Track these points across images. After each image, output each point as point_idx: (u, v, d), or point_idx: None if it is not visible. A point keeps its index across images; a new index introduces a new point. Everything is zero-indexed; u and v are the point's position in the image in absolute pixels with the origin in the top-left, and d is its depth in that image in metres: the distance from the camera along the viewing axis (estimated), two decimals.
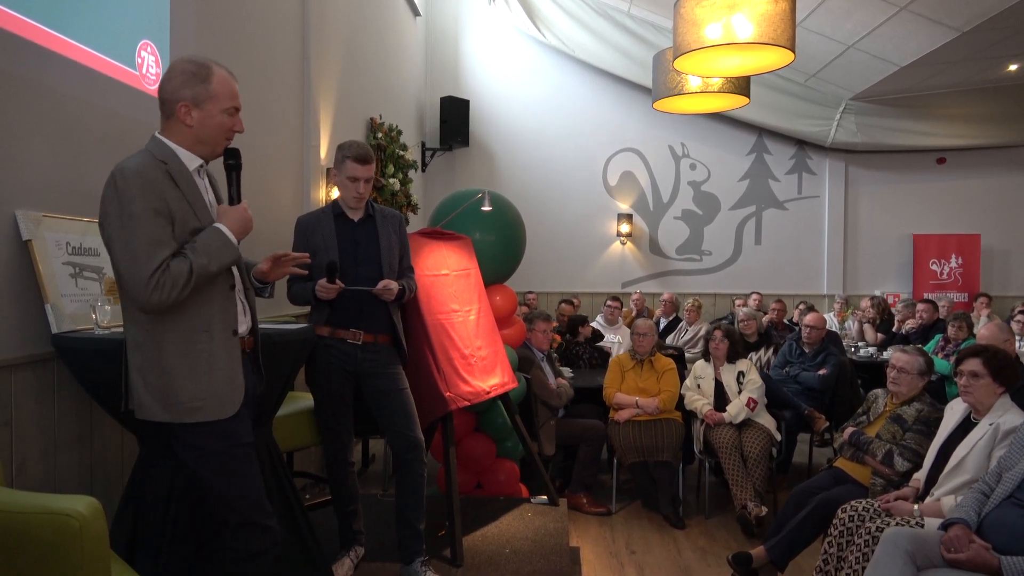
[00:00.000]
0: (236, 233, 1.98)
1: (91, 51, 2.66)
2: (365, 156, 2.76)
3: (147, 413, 1.92)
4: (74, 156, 2.58)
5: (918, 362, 3.37)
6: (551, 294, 8.77)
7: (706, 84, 4.97)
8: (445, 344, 3.32)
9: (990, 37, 6.77)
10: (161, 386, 1.90)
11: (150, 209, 1.83)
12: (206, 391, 1.92)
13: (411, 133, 8.13)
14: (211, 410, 1.93)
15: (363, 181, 2.78)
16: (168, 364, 1.89)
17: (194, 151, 1.99)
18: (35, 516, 0.97)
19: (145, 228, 1.82)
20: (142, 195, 1.82)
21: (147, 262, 1.80)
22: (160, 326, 1.90)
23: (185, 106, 1.95)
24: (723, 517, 4.44)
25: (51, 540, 0.94)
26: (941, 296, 8.39)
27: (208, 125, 1.97)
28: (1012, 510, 2.43)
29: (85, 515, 0.99)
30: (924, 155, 9.20)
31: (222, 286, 2.01)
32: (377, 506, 3.75)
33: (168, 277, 1.81)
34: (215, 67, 1.99)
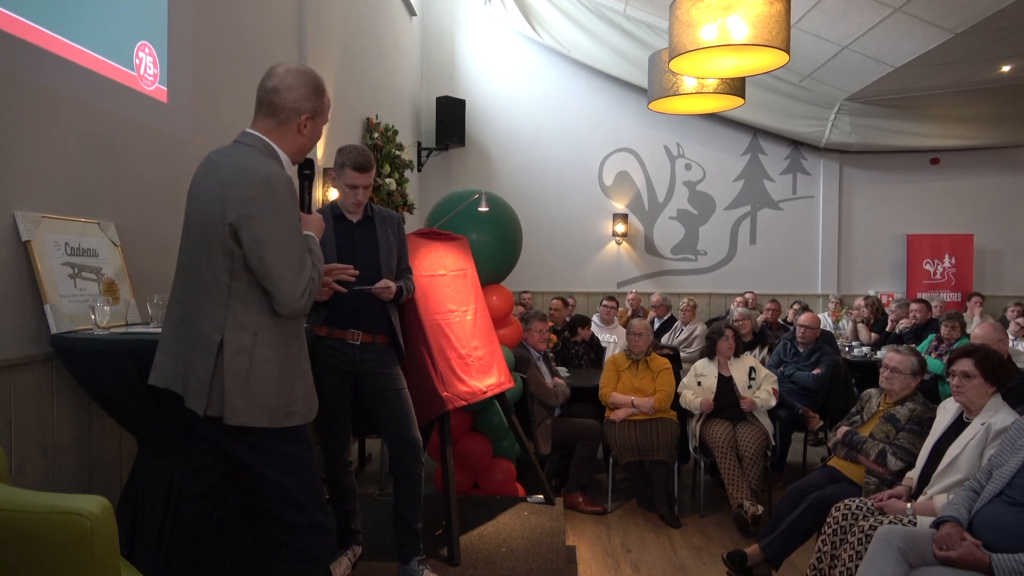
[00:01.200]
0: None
1: (90, 52, 2.67)
2: (364, 164, 2.76)
3: (241, 419, 1.87)
4: (73, 157, 2.59)
5: (911, 362, 3.40)
6: (547, 294, 8.78)
7: (701, 85, 4.99)
8: (442, 344, 3.33)
9: (983, 38, 6.81)
10: (264, 392, 1.89)
11: (297, 219, 1.91)
12: (300, 396, 1.96)
13: (407, 133, 8.14)
14: (303, 414, 1.98)
15: (362, 188, 2.79)
16: (272, 371, 1.90)
17: (293, 160, 2.05)
18: (46, 516, 0.97)
19: (298, 237, 1.90)
20: (294, 205, 1.89)
21: (302, 271, 1.87)
22: (267, 333, 1.90)
23: (307, 117, 2.00)
24: (718, 516, 4.47)
25: (63, 540, 0.95)
26: (934, 296, 8.43)
27: (313, 138, 2.05)
28: (1002, 507, 2.46)
29: (96, 514, 1.00)
30: (918, 155, 9.25)
31: None
32: (374, 506, 3.76)
33: (312, 284, 1.90)
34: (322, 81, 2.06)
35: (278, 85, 1.99)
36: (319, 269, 1.97)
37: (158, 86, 3.10)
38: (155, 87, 3.08)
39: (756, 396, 4.48)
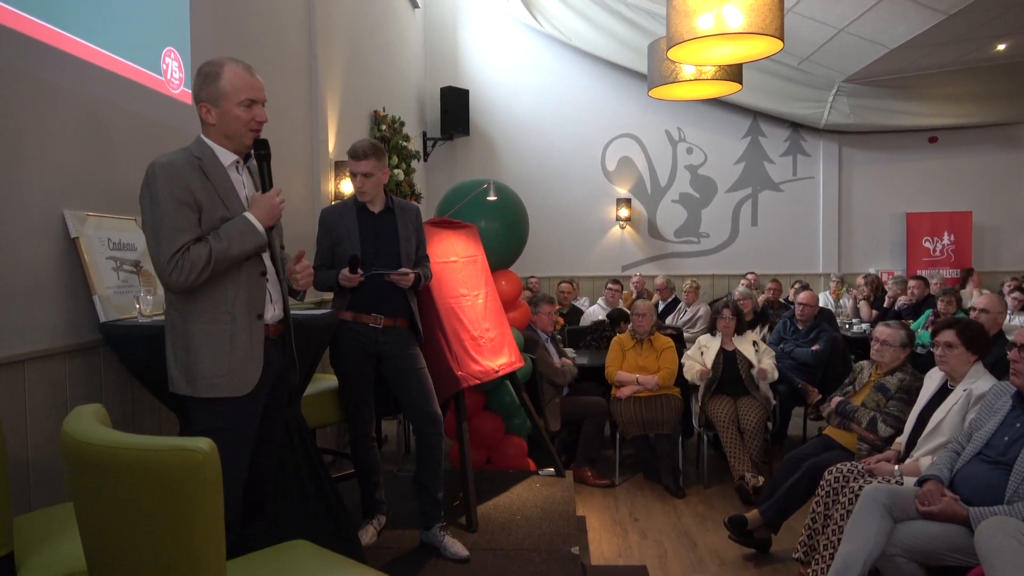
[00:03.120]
0: (262, 220, 2.10)
1: (121, 60, 2.86)
2: (355, 152, 2.97)
3: (175, 387, 2.09)
4: (108, 158, 2.79)
5: (900, 335, 3.59)
6: (552, 278, 8.98)
7: (700, 71, 5.13)
8: (456, 327, 3.53)
9: (976, 18, 6.92)
10: (187, 362, 2.05)
11: (173, 199, 1.97)
12: (225, 368, 2.05)
13: (413, 124, 8.32)
14: (228, 387, 2.06)
15: (360, 176, 2.98)
16: (193, 342, 2.04)
17: (226, 147, 2.14)
18: (169, 452, 1.21)
19: (169, 215, 1.97)
20: (167, 186, 1.97)
21: (169, 246, 1.96)
22: (190, 306, 2.05)
23: (204, 106, 2.11)
24: (721, 486, 4.68)
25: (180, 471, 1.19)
26: (934, 273, 8.59)
27: (227, 121, 2.10)
28: (980, 466, 2.66)
29: (206, 450, 1.23)
30: (916, 135, 9.38)
31: (251, 272, 2.13)
32: (393, 481, 3.98)
33: (187, 260, 1.95)
34: (228, 64, 2.11)
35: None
36: (220, 247, 2.00)
37: (183, 89, 3.29)
38: (180, 90, 3.27)
39: (761, 366, 4.67)
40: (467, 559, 2.97)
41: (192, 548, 1.29)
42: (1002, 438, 2.65)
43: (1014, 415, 2.67)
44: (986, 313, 4.20)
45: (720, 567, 3.57)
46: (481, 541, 3.17)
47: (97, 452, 1.31)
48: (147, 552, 1.31)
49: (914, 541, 2.57)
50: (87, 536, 1.44)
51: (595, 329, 6.18)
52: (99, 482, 1.34)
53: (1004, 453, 2.61)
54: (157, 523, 1.29)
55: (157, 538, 1.29)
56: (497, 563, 2.96)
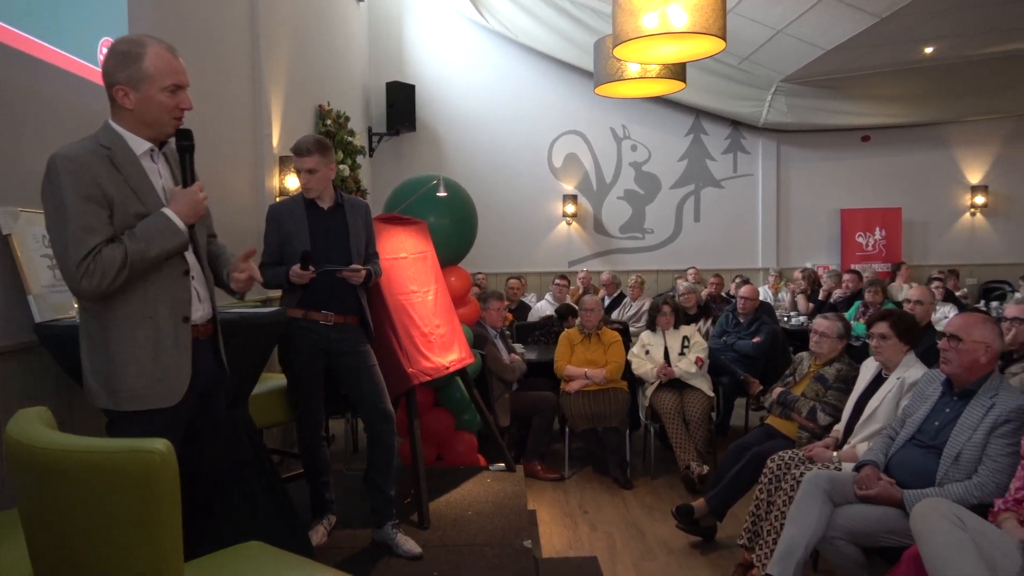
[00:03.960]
0: (184, 217, 1.93)
1: (56, 50, 2.75)
2: (299, 148, 2.93)
3: (95, 399, 1.91)
4: (46, 151, 2.67)
5: (837, 327, 3.73)
6: (500, 274, 8.99)
7: (644, 70, 5.21)
8: (406, 323, 3.52)
9: (906, 22, 7.21)
10: (107, 373, 1.88)
11: (80, 195, 1.79)
12: (149, 378, 1.89)
13: (358, 119, 8.21)
14: (154, 398, 1.90)
15: (304, 172, 2.95)
16: (113, 350, 1.87)
17: (141, 135, 1.94)
18: (123, 454, 1.17)
19: (75, 215, 1.78)
20: (72, 182, 1.79)
21: (77, 249, 1.77)
22: (107, 312, 1.87)
23: (122, 89, 1.89)
24: (668, 477, 4.78)
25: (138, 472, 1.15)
26: (867, 267, 8.93)
27: (149, 106, 1.91)
28: (913, 450, 2.78)
29: (163, 451, 1.20)
30: (850, 133, 9.71)
31: (172, 272, 1.96)
32: (343, 480, 3.94)
33: (99, 263, 1.78)
34: (151, 44, 1.91)
35: (102, 63, 1.93)
36: (136, 248, 1.84)
37: None
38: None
39: (676, 366, 4.77)
40: (420, 556, 2.97)
41: (151, 551, 1.26)
42: (933, 423, 2.78)
43: (944, 401, 2.80)
44: (921, 304, 4.41)
45: (668, 555, 3.65)
46: (433, 538, 3.17)
47: (48, 456, 1.27)
48: (103, 557, 1.28)
49: (853, 524, 2.68)
50: (35, 543, 1.39)
51: (543, 324, 6.24)
52: (50, 487, 1.30)
53: (935, 437, 2.74)
54: (114, 527, 1.26)
55: (114, 542, 1.26)
56: (450, 559, 2.97)
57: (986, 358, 2.70)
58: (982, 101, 9.36)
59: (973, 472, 2.59)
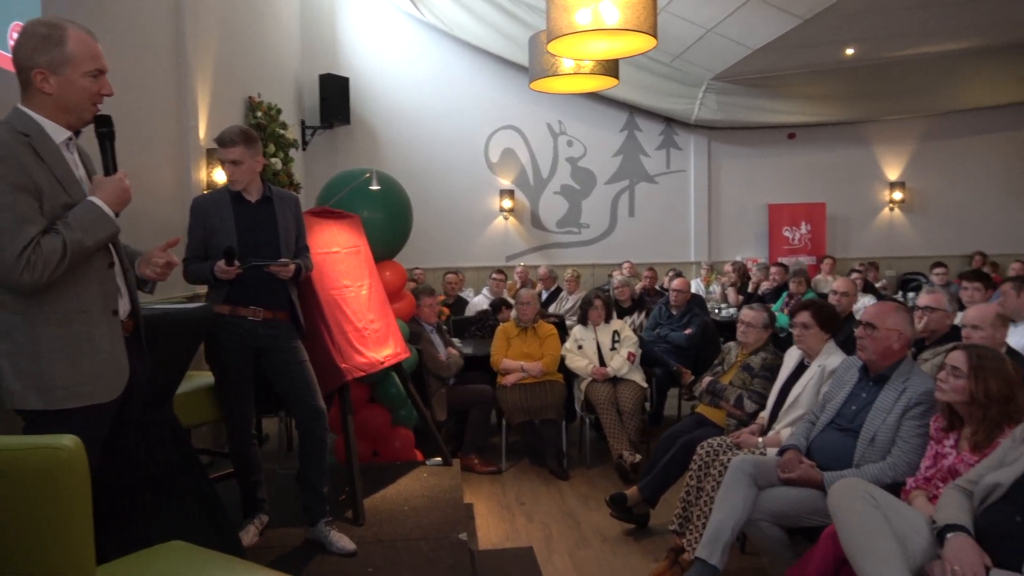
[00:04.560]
0: (112, 205, 1.87)
1: None
2: (222, 139, 2.85)
3: (20, 402, 1.81)
4: None
5: (762, 317, 3.86)
6: (438, 269, 8.95)
7: (578, 66, 5.27)
8: (339, 318, 3.47)
9: (829, 24, 7.48)
10: (36, 372, 1.79)
11: (11, 185, 1.71)
12: (87, 373, 1.83)
13: (290, 111, 8.04)
14: (92, 394, 1.84)
15: (229, 164, 2.87)
16: (43, 348, 1.79)
17: (59, 121, 1.87)
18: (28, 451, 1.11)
19: (9, 204, 1.71)
20: (3, 170, 1.71)
21: (14, 240, 1.70)
22: (34, 308, 1.79)
23: (41, 73, 1.81)
24: (603, 467, 4.85)
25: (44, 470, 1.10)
26: (793, 260, 9.25)
27: (70, 92, 1.84)
28: (832, 434, 2.91)
29: (71, 447, 1.14)
30: (776, 131, 10.02)
31: (100, 264, 1.91)
32: (276, 480, 3.87)
33: (40, 255, 1.71)
34: (71, 27, 1.84)
35: (14, 45, 1.85)
36: (74, 237, 1.77)
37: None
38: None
39: (610, 365, 4.84)
40: (354, 552, 2.94)
41: (60, 552, 1.21)
42: (850, 407, 2.91)
43: (860, 386, 2.93)
44: (847, 296, 4.63)
45: (602, 543, 3.72)
46: (368, 534, 3.15)
47: None
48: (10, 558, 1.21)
49: (776, 506, 2.77)
50: None
51: (480, 319, 6.24)
52: None
53: (852, 421, 2.87)
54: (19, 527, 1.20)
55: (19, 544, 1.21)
56: (385, 554, 2.95)
57: (899, 344, 2.84)
58: (899, 101, 9.80)
59: (888, 453, 2.72)
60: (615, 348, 4.95)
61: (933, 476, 2.47)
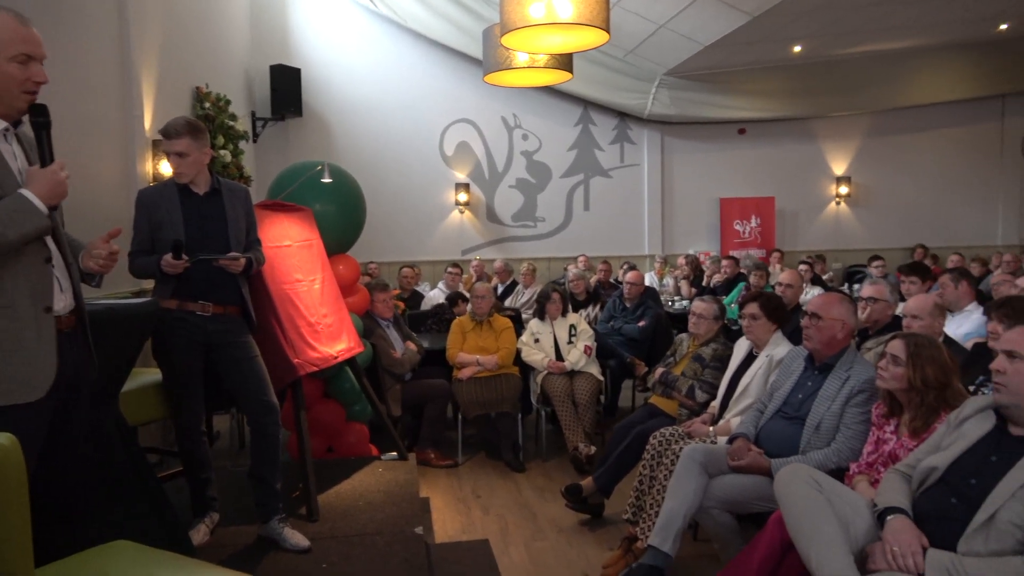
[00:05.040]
0: (44, 198, 1.81)
1: None
2: (167, 131, 2.78)
3: None
4: None
5: (713, 308, 3.93)
6: (393, 263, 8.89)
7: (533, 59, 5.27)
8: (291, 313, 3.42)
9: (777, 21, 7.65)
10: None
11: None
12: (10, 371, 1.78)
13: (240, 103, 7.88)
14: (17, 392, 1.79)
15: (174, 156, 2.81)
16: None
17: None
18: None
19: None
20: None
21: None
22: None
23: None
24: (559, 459, 4.88)
25: None
26: (744, 253, 9.44)
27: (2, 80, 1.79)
28: (780, 422, 2.98)
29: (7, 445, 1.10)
30: (727, 126, 10.21)
31: (33, 258, 1.85)
32: (228, 477, 3.81)
33: None
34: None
35: None
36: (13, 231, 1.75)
37: None
38: None
39: (568, 359, 4.88)
40: (308, 548, 2.91)
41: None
42: (797, 396, 2.99)
43: (806, 375, 3.01)
44: (791, 288, 4.76)
45: (558, 534, 3.75)
46: (323, 530, 3.12)
47: None
48: None
49: (726, 493, 2.84)
50: None
51: (435, 313, 6.23)
52: None
53: (799, 409, 2.94)
54: None
55: None
56: (340, 549, 2.93)
57: (842, 334, 2.93)
58: (845, 98, 10.07)
59: (832, 440, 2.81)
60: (572, 342, 4.99)
61: (875, 461, 2.55)
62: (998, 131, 10.75)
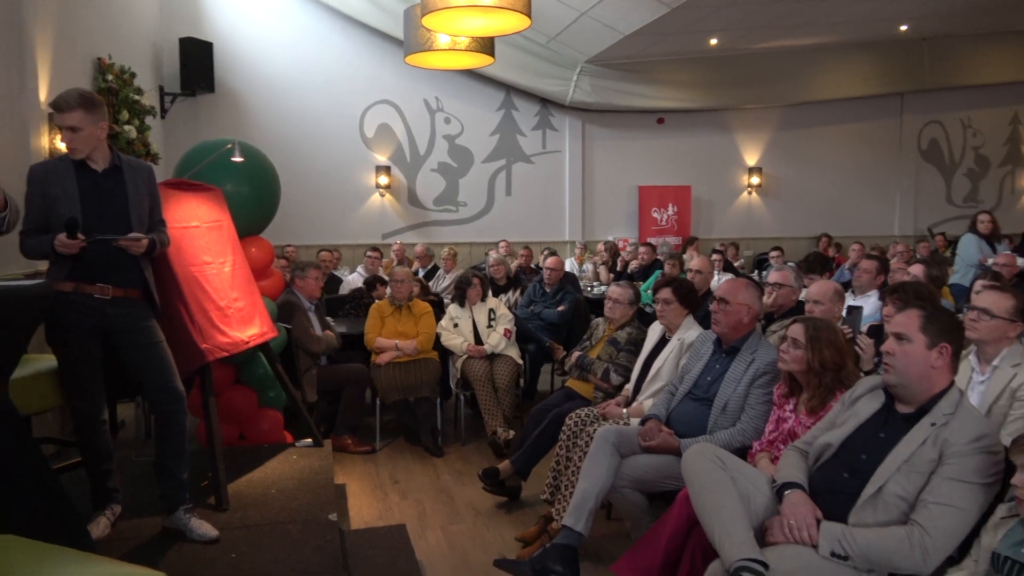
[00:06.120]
0: None
1: None
2: (58, 104, 2.62)
3: None
4: None
5: (628, 293, 4.02)
6: (312, 246, 8.68)
7: (454, 42, 5.22)
8: (199, 296, 3.30)
9: (695, 14, 7.82)
10: None
11: None
12: None
13: (147, 76, 7.50)
14: None
15: (67, 130, 2.66)
16: None
17: None
18: None
19: None
20: None
21: None
22: None
23: None
24: (478, 443, 4.91)
25: None
26: (661, 240, 9.66)
27: None
28: (690, 403, 3.08)
29: None
30: (647, 115, 10.41)
31: None
32: (132, 468, 3.66)
33: None
34: None
35: None
36: None
37: None
38: None
39: (488, 342, 4.91)
40: (217, 539, 2.83)
41: None
42: (706, 378, 3.09)
43: (715, 358, 3.12)
44: (700, 274, 4.91)
45: (475, 517, 3.78)
46: (233, 519, 3.04)
47: None
48: None
49: (637, 472, 2.91)
50: None
51: (354, 297, 6.13)
52: None
53: (707, 391, 3.05)
54: None
55: None
56: (250, 538, 2.86)
57: (748, 318, 3.05)
58: (757, 91, 10.43)
59: (738, 420, 2.92)
60: (491, 326, 5.00)
61: (776, 439, 2.67)
62: (897, 128, 11.35)
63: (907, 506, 2.02)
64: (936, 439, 2.03)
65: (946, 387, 2.13)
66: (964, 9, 8.64)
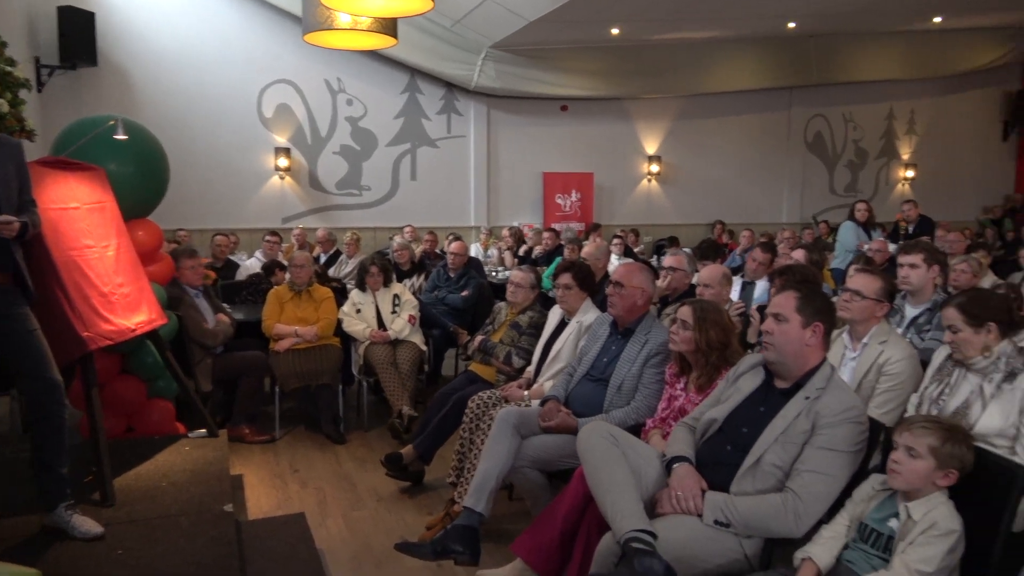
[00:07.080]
0: None
1: None
2: None
3: None
4: None
5: (530, 278, 4.08)
6: (206, 231, 8.33)
7: (355, 21, 5.11)
8: (79, 282, 3.12)
9: (597, 3, 7.95)
10: None
11: None
12: None
13: (20, 46, 6.96)
14: None
15: None
16: None
17: None
18: None
19: None
20: None
21: None
22: None
23: None
24: (380, 429, 4.87)
25: None
26: (565, 226, 9.83)
27: None
28: (587, 384, 3.17)
29: None
30: (551, 102, 10.51)
31: None
32: (7, 464, 3.44)
33: None
34: None
35: None
36: None
37: None
38: None
39: (392, 328, 4.89)
40: (102, 535, 2.70)
41: None
42: (602, 359, 3.19)
43: (611, 340, 3.22)
44: (598, 259, 5.03)
45: (377, 502, 3.76)
46: (120, 514, 2.91)
47: None
48: None
49: (537, 452, 2.98)
50: None
51: (251, 283, 5.95)
52: None
53: (604, 371, 3.15)
54: None
55: None
56: (138, 533, 2.75)
57: (642, 301, 3.16)
58: (656, 81, 10.73)
59: (632, 399, 3.03)
60: (396, 312, 4.97)
61: (667, 416, 2.79)
62: (786, 120, 11.94)
63: (783, 474, 2.16)
64: (809, 412, 2.18)
65: (819, 363, 2.28)
66: (847, 9, 9.15)
